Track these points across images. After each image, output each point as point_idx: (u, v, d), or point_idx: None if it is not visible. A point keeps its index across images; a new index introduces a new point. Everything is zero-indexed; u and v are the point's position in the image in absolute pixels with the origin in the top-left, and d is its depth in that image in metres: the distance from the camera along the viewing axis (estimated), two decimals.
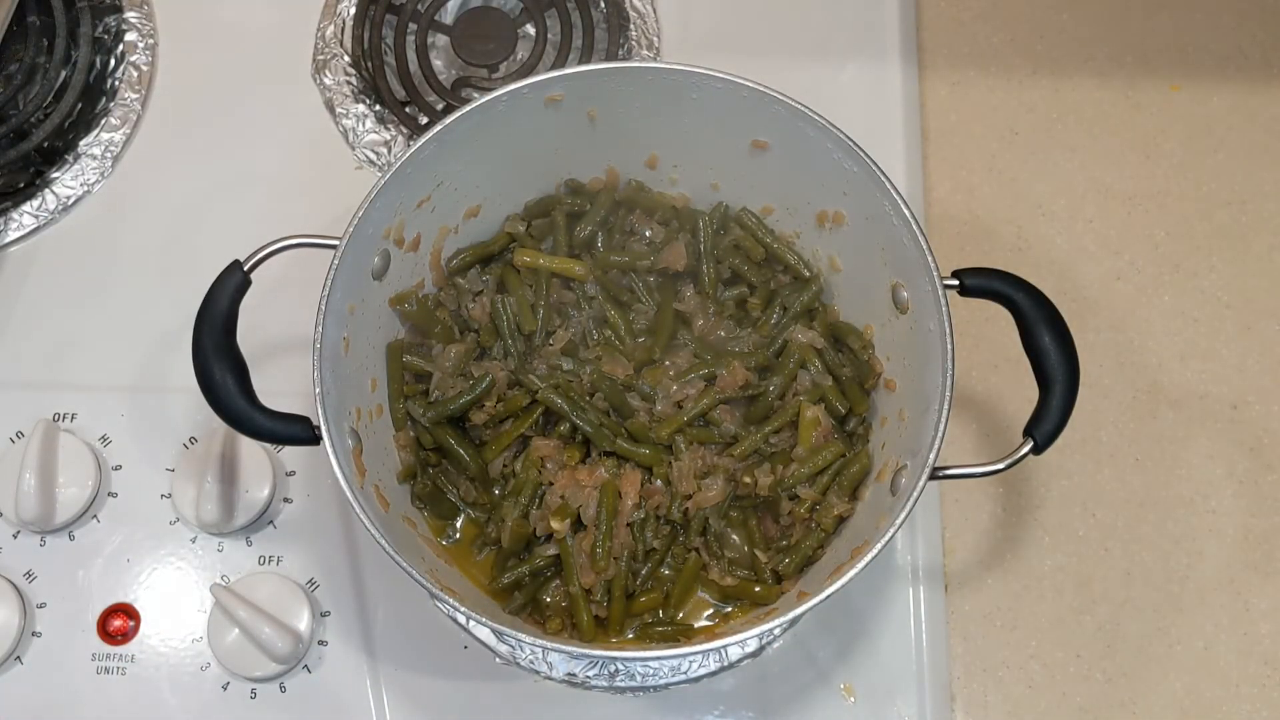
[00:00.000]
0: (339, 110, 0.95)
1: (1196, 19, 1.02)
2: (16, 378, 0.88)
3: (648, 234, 0.83)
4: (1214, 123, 0.99)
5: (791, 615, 0.67)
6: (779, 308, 0.82)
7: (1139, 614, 0.87)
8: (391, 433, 0.79)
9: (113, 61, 0.95)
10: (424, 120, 0.95)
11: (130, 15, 0.96)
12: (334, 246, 0.70)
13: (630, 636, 0.78)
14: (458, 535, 0.81)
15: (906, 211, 0.71)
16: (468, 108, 0.73)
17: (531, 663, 0.81)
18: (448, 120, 0.73)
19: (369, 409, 0.76)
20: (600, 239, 0.83)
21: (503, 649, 0.82)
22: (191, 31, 0.98)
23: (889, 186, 0.72)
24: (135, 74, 0.95)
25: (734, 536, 0.79)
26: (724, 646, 0.67)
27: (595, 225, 0.82)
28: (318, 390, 0.68)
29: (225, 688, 0.81)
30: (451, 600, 0.66)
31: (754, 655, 0.83)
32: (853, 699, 0.83)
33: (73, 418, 0.86)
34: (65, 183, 0.92)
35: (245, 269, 0.68)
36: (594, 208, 0.82)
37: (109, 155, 0.93)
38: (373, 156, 0.94)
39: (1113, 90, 1.00)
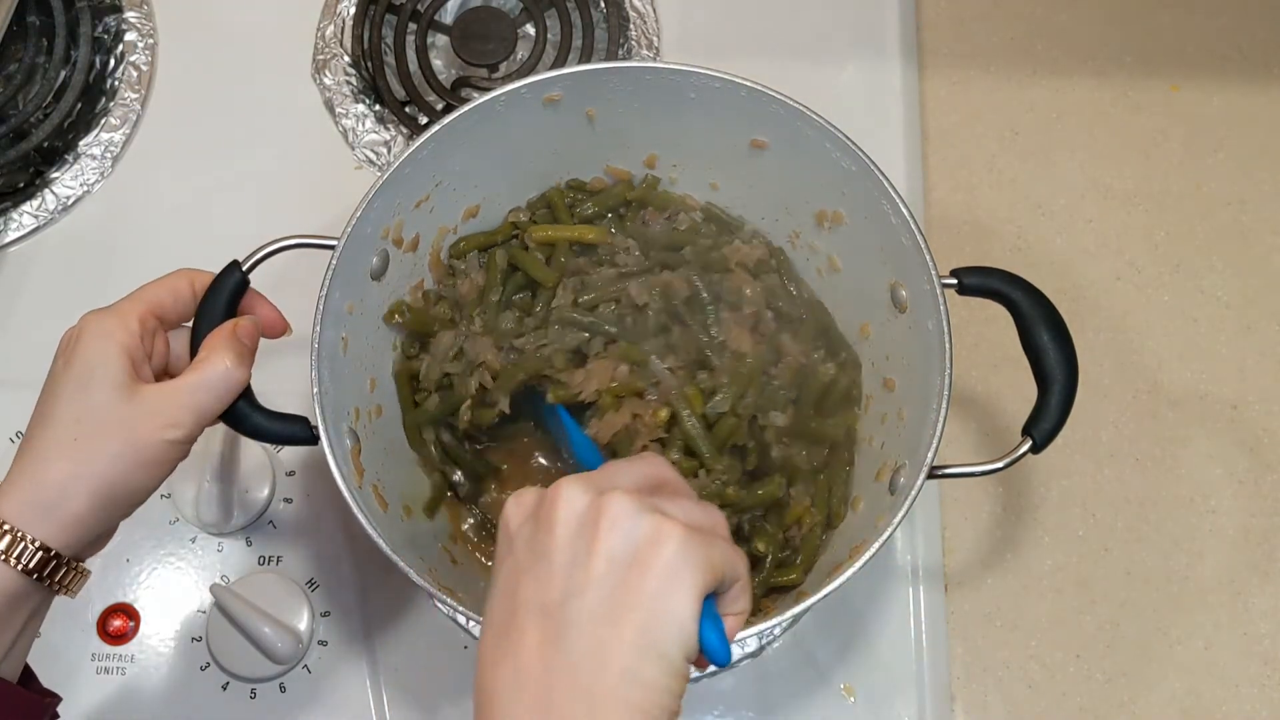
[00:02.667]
0: (339, 110, 0.95)
1: (1196, 19, 1.01)
2: (16, 378, 0.87)
3: (657, 229, 0.83)
4: (1214, 123, 0.99)
5: (790, 614, 0.66)
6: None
7: (1139, 614, 0.86)
8: (391, 433, 0.79)
9: (112, 61, 0.95)
10: (424, 120, 0.95)
11: (130, 15, 0.96)
12: (332, 247, 0.70)
13: None
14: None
15: (904, 210, 0.71)
16: (466, 108, 0.73)
17: None
18: (446, 120, 0.73)
19: (368, 409, 0.76)
20: (611, 221, 0.82)
21: None
22: (191, 31, 0.98)
23: (887, 185, 0.72)
24: (135, 74, 0.95)
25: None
26: None
27: (606, 209, 0.82)
28: (315, 390, 0.68)
29: (225, 688, 0.81)
30: (451, 600, 0.66)
31: (753, 655, 0.83)
32: (853, 699, 0.83)
33: None
34: (65, 183, 0.92)
35: (244, 269, 0.68)
36: (603, 196, 0.82)
37: (109, 155, 0.93)
38: (372, 156, 0.94)
39: (1113, 90, 1.00)
